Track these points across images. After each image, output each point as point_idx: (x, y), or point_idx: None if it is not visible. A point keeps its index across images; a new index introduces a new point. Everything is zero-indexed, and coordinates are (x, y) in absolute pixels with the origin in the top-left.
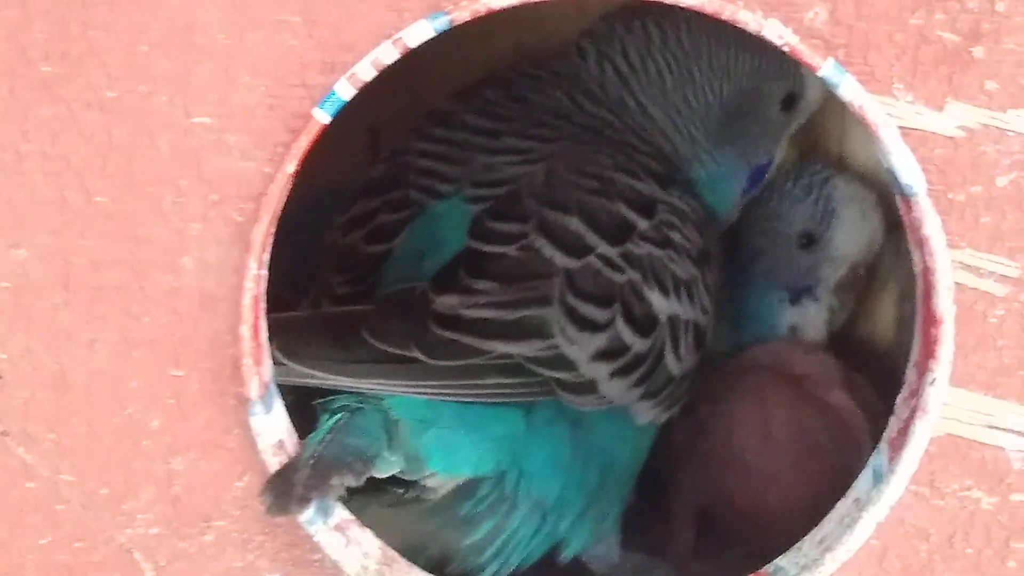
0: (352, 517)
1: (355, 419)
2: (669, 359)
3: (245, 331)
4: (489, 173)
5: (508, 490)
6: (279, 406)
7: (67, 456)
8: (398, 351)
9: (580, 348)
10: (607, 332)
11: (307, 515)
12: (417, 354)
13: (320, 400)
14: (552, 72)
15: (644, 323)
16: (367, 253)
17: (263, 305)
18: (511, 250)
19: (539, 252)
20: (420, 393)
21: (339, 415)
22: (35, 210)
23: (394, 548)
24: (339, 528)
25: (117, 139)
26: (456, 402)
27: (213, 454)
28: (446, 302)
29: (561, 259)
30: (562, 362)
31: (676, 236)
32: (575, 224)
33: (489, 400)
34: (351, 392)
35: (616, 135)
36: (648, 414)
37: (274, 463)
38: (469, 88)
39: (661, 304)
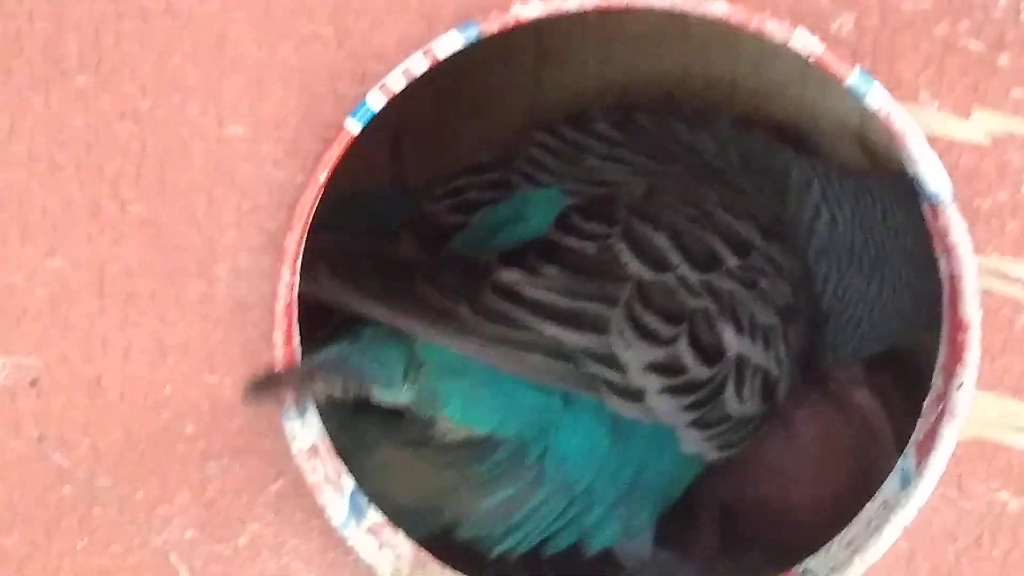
0: (384, 520)
1: (375, 344)
2: (729, 396)
3: (278, 337)
4: (592, 174)
5: (530, 461)
6: (312, 411)
7: (102, 461)
8: (446, 304)
9: (634, 354)
10: (667, 348)
11: (340, 518)
12: (465, 313)
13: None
14: (713, 132)
15: (709, 352)
16: (446, 223)
17: (295, 312)
18: (589, 246)
19: (617, 257)
20: (457, 350)
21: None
22: (70, 219)
23: (410, 508)
24: (372, 531)
25: (151, 149)
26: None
27: (247, 459)
28: (508, 275)
29: (637, 268)
30: (612, 362)
31: (764, 283)
32: (662, 241)
33: (530, 377)
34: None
35: (734, 178)
36: (696, 445)
37: (307, 468)
38: (622, 107)
39: (732, 339)
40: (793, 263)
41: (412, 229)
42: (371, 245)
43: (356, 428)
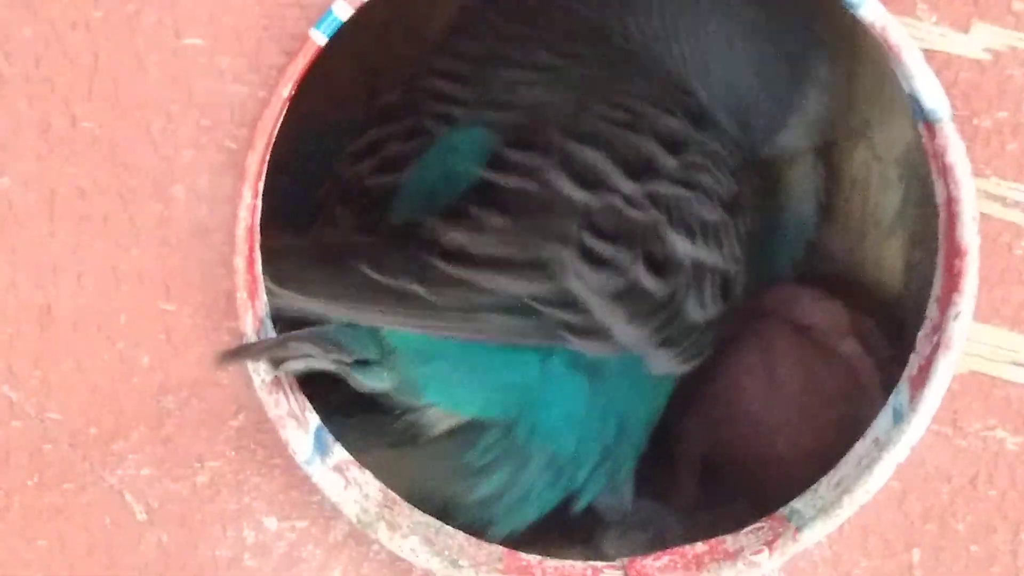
0: (351, 458)
1: (346, 328)
2: (691, 306)
3: (239, 263)
4: (511, 94)
5: (519, 441)
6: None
7: (53, 394)
8: (398, 285)
9: (593, 288)
10: (623, 275)
11: (305, 455)
12: (419, 290)
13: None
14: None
15: (664, 266)
16: (375, 184)
17: (257, 236)
18: (528, 183)
19: (558, 188)
20: (419, 330)
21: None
22: (18, 136)
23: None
24: (338, 469)
25: (104, 61)
26: (460, 340)
27: (206, 392)
28: (454, 237)
29: (579, 196)
30: (572, 303)
31: (706, 179)
32: (599, 160)
33: (493, 342)
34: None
35: (654, 65)
36: (666, 365)
37: (270, 401)
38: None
39: (685, 247)
40: (730, 146)
41: (343, 201)
42: (311, 240)
43: (340, 436)
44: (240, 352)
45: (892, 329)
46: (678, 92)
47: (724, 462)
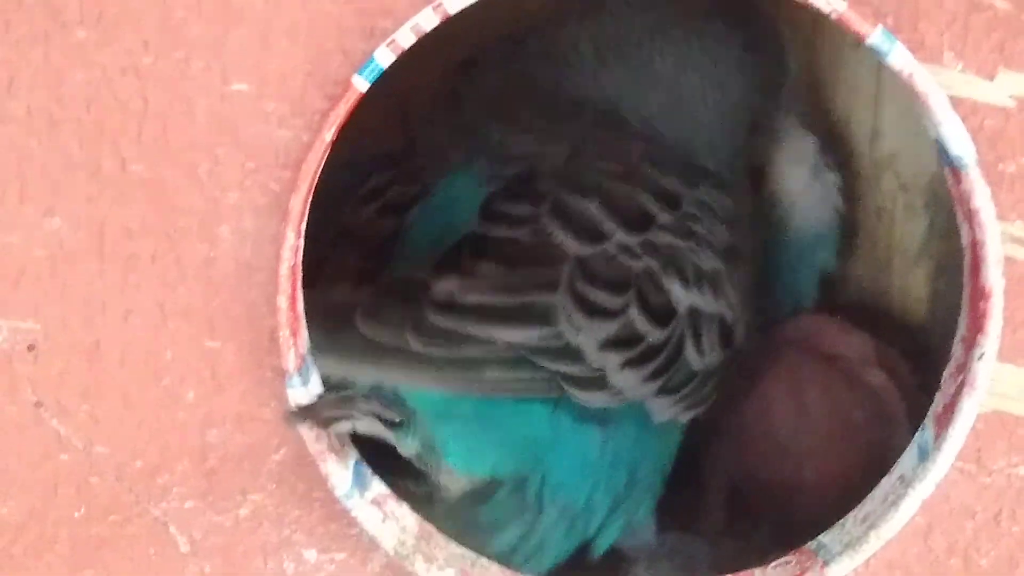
0: (389, 492)
1: (376, 391)
2: (690, 353)
3: (282, 302)
4: (505, 148)
5: (531, 496)
6: (316, 379)
7: (101, 428)
8: (393, 340)
9: (587, 336)
10: (618, 319)
11: (344, 489)
12: (413, 344)
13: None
14: (554, 61)
15: (660, 312)
16: (377, 231)
17: (300, 275)
18: (520, 234)
19: (550, 237)
20: (419, 386)
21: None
22: (70, 177)
23: None
24: (376, 502)
25: (153, 105)
26: (473, 398)
27: (249, 427)
28: (444, 287)
29: (573, 245)
30: (568, 353)
31: (700, 229)
32: (593, 209)
33: (491, 395)
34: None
35: (641, 126)
36: (667, 411)
37: (311, 436)
38: (470, 65)
39: (680, 294)
40: (724, 201)
41: (348, 247)
42: (312, 300)
43: None
44: (302, 413)
45: (918, 357)
46: (671, 152)
47: (751, 489)
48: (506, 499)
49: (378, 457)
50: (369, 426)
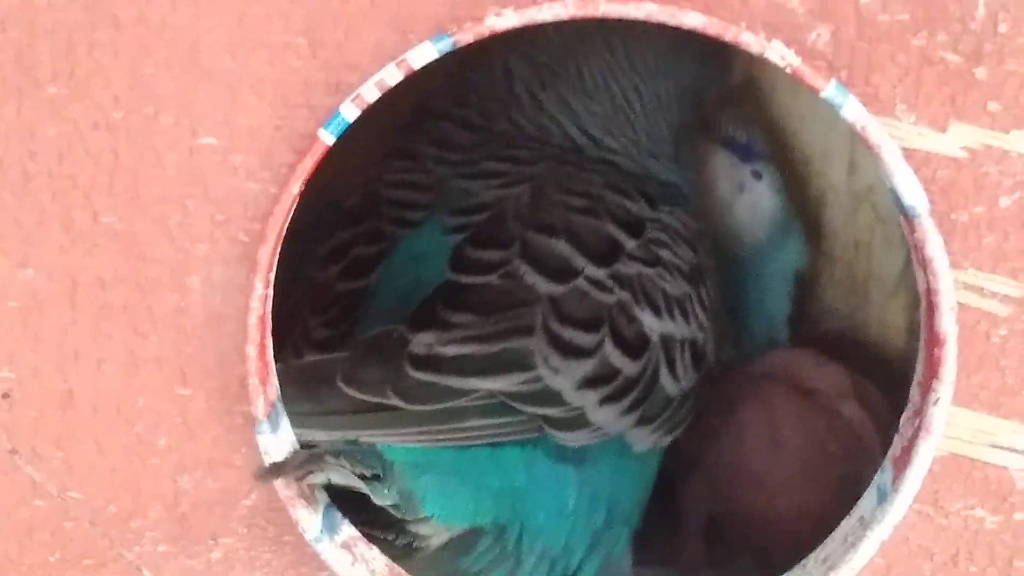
0: (359, 534)
1: (350, 446)
2: (665, 380)
3: (251, 351)
4: (467, 199)
5: (510, 545)
6: (286, 425)
7: (75, 474)
8: (375, 399)
9: (565, 377)
10: (594, 357)
11: (314, 533)
12: (395, 401)
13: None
14: (498, 100)
15: (634, 345)
16: (343, 291)
17: (269, 325)
18: (492, 279)
19: (521, 279)
20: (402, 441)
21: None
22: (42, 229)
23: None
24: (346, 545)
25: (123, 159)
26: (450, 448)
27: (220, 472)
28: (422, 341)
29: (544, 285)
30: (547, 396)
31: (666, 254)
32: (561, 246)
33: (475, 443)
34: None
35: (596, 154)
36: (646, 441)
37: (281, 481)
38: (417, 120)
39: (652, 323)
40: (684, 218)
41: (314, 310)
42: (285, 366)
43: None
44: (274, 470)
45: (895, 389)
46: (631, 177)
47: (728, 521)
48: (487, 549)
49: (355, 509)
50: (342, 477)
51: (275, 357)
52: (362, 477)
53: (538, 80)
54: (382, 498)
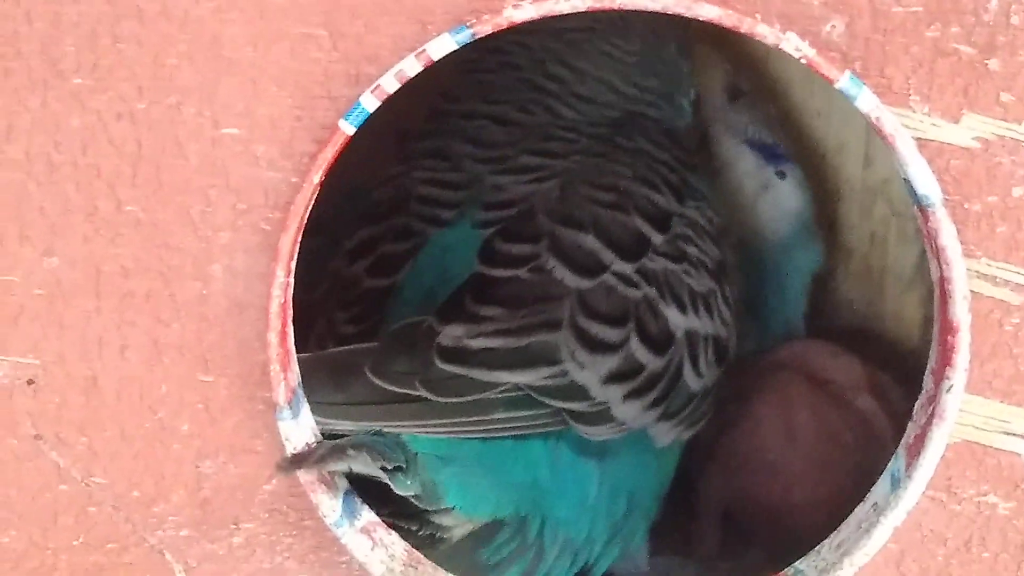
0: (378, 520)
1: (374, 437)
2: (688, 376)
3: (273, 338)
4: (499, 194)
5: (532, 537)
6: (306, 411)
7: (99, 459)
8: (402, 390)
9: (591, 372)
10: (620, 353)
11: (334, 518)
12: (422, 392)
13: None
14: (535, 90)
15: (659, 340)
16: (370, 287)
17: (290, 312)
18: (521, 272)
19: (550, 273)
20: (428, 432)
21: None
22: (67, 219)
23: None
24: (365, 531)
25: (147, 149)
26: (475, 440)
27: (241, 458)
28: (451, 333)
29: (572, 280)
30: (573, 390)
31: (692, 250)
32: (589, 241)
33: (499, 435)
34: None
35: (628, 142)
36: (668, 435)
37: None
38: (440, 123)
39: (678, 319)
40: (709, 213)
41: (342, 305)
42: (313, 355)
43: None
44: (297, 461)
45: (910, 382)
46: (662, 168)
47: (743, 511)
48: (508, 540)
49: (379, 500)
50: (363, 467)
51: (298, 349)
52: (383, 468)
53: (572, 50)
54: (404, 489)
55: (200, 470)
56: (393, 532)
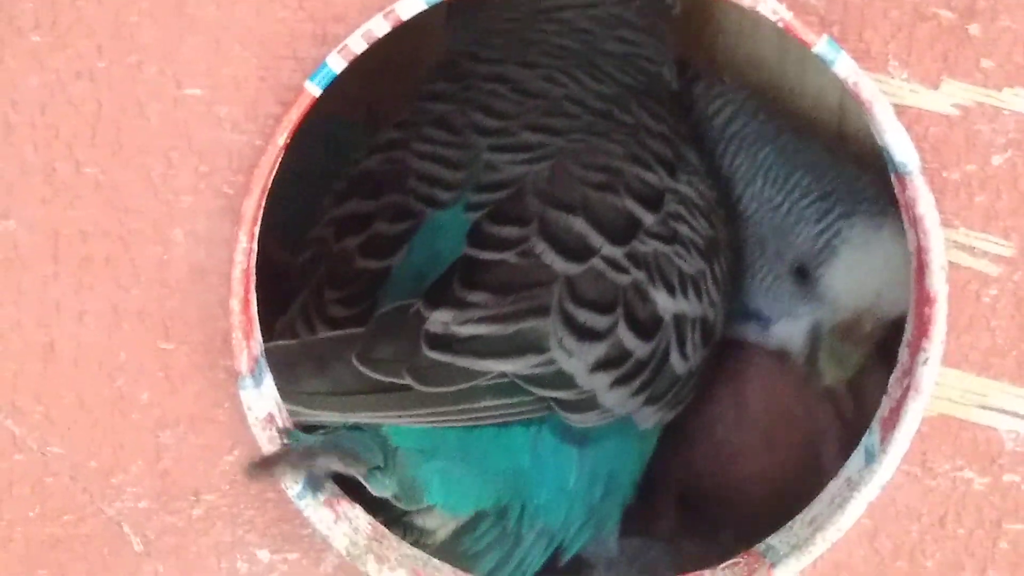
0: (341, 492)
1: (352, 433)
2: (674, 359)
3: (235, 304)
4: (492, 174)
5: (511, 525)
6: (269, 380)
7: (56, 429)
8: (389, 378)
9: (578, 360)
10: (607, 340)
11: (296, 490)
12: (409, 380)
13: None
14: (544, 53)
15: (647, 326)
16: (363, 268)
17: (253, 279)
18: (510, 256)
19: (539, 257)
20: (414, 422)
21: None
22: (24, 180)
23: None
24: (328, 503)
25: (107, 109)
26: (457, 431)
27: (202, 428)
28: (438, 319)
29: (561, 264)
30: (560, 379)
31: (684, 228)
32: (579, 224)
33: (483, 423)
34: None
35: (627, 116)
36: (651, 419)
37: (263, 437)
38: (453, 75)
39: (666, 303)
40: (701, 187)
41: (332, 283)
42: (299, 342)
43: None
44: (267, 463)
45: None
46: (655, 143)
47: (694, 487)
48: (488, 530)
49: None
50: (338, 467)
51: (275, 314)
52: (360, 471)
53: (607, 22)
54: (382, 489)
55: (160, 440)
56: (356, 505)
